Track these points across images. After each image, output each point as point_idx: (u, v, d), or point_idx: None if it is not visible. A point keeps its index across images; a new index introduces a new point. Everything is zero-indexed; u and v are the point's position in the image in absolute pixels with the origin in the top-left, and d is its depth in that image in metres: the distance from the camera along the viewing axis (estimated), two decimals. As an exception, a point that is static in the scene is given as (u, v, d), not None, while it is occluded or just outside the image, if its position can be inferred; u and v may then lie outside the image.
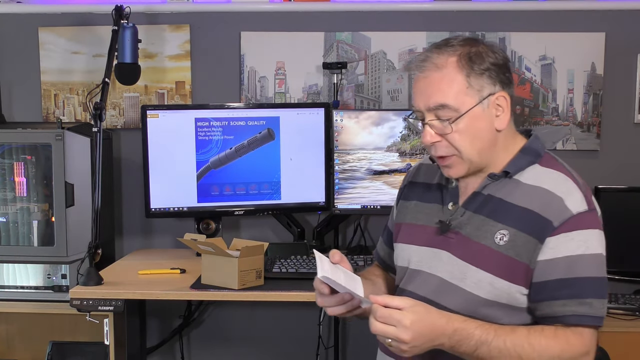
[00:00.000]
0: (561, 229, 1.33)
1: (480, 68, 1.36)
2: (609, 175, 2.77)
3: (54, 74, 2.86)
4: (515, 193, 1.39)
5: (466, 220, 1.42)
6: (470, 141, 1.38)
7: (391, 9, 2.78)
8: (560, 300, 1.32)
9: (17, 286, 2.46)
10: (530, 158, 1.42)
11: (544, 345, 1.30)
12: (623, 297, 2.57)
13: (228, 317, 2.94)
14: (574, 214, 1.35)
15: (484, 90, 1.37)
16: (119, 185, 2.91)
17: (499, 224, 1.37)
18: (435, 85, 1.37)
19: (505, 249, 1.35)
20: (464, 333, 1.30)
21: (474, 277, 1.37)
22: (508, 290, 1.35)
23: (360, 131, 2.59)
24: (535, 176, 1.40)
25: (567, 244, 1.33)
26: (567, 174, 1.41)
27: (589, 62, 2.77)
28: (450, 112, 1.36)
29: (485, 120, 1.38)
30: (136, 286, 2.21)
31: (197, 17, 2.83)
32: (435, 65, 1.37)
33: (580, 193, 1.38)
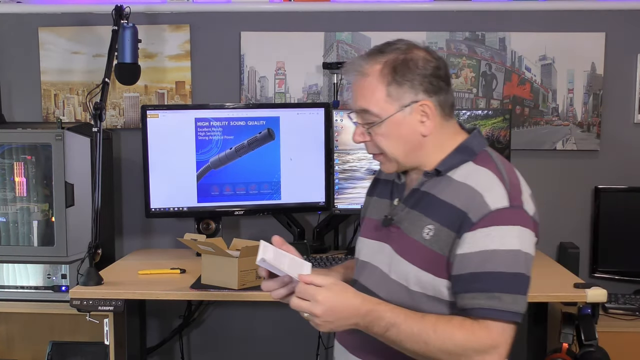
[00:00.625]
0: (479, 224, 1.35)
1: (402, 78, 1.42)
2: (609, 175, 2.77)
3: (54, 74, 2.86)
4: (445, 190, 1.43)
5: (404, 216, 1.48)
6: (394, 144, 1.45)
7: (391, 9, 2.78)
8: (471, 293, 1.35)
9: (17, 286, 2.46)
10: (463, 156, 1.45)
11: (448, 333, 1.33)
12: (623, 297, 2.57)
13: (228, 317, 2.94)
14: (492, 210, 1.35)
15: (404, 98, 1.42)
16: (119, 185, 2.91)
17: (428, 219, 1.42)
18: (359, 90, 1.46)
19: (430, 243, 1.40)
20: (375, 314, 1.35)
21: (404, 269, 1.43)
22: (433, 283, 1.40)
23: (360, 131, 2.58)
24: (466, 173, 1.43)
25: (483, 239, 1.35)
26: (495, 171, 1.42)
27: (589, 62, 2.77)
28: (372, 117, 1.44)
29: (408, 126, 1.44)
30: (136, 286, 2.20)
31: (197, 17, 2.83)
32: (360, 73, 1.45)
33: (503, 189, 1.38)
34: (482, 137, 1.51)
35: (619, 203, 2.71)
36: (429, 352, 1.34)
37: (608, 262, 2.72)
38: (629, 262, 2.69)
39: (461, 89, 2.81)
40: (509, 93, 2.81)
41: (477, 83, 2.81)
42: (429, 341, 1.33)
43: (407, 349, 1.36)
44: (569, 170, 2.82)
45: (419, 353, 1.35)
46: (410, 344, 1.34)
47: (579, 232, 2.80)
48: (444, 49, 2.78)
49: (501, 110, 2.68)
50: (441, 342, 1.33)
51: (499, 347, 1.33)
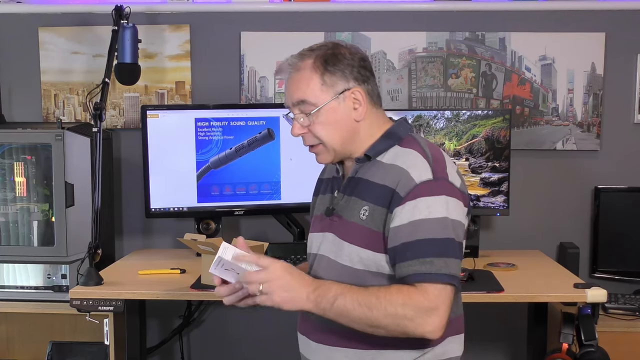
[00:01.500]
0: (407, 198, 1.45)
1: (334, 68, 1.54)
2: (609, 175, 2.77)
3: (54, 74, 2.86)
4: (376, 173, 1.54)
5: (343, 204, 1.58)
6: (331, 131, 1.55)
7: (391, 9, 2.78)
8: (405, 261, 1.44)
9: (17, 286, 2.46)
10: (390, 141, 1.57)
11: (389, 298, 1.41)
12: (623, 297, 2.57)
13: (228, 317, 2.94)
14: (417, 183, 1.46)
15: (338, 86, 1.54)
16: (119, 185, 2.91)
17: (363, 202, 1.53)
18: (295, 84, 1.56)
19: (367, 222, 1.50)
20: (324, 288, 1.44)
21: (347, 251, 1.53)
22: (374, 259, 1.50)
23: (360, 131, 2.58)
24: (393, 156, 1.55)
25: (411, 211, 1.45)
26: (419, 150, 1.53)
27: (589, 62, 2.77)
28: (309, 106, 1.54)
29: (343, 113, 1.55)
30: (136, 286, 2.20)
31: (197, 17, 2.83)
32: (295, 68, 1.57)
33: (427, 164, 1.49)
34: (409, 124, 1.63)
35: (619, 203, 2.71)
36: (374, 318, 1.41)
37: (608, 262, 2.72)
38: (629, 262, 2.69)
39: (461, 89, 2.81)
40: (509, 93, 2.81)
41: (477, 83, 2.81)
42: (372, 307, 1.41)
43: (352, 318, 1.43)
44: (569, 170, 2.82)
45: (364, 321, 1.43)
46: (356, 313, 1.42)
47: (579, 232, 2.80)
48: (444, 49, 2.78)
49: (501, 110, 2.68)
50: (383, 307, 1.41)
51: (437, 308, 1.41)
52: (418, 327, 1.41)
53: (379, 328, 1.43)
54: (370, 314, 1.41)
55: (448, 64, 2.79)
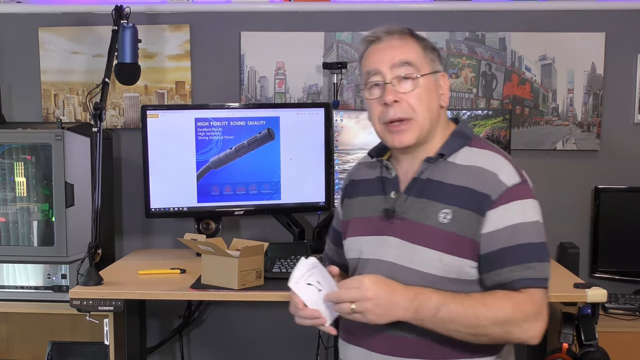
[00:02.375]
0: (499, 201, 1.42)
1: (429, 46, 1.53)
2: (609, 175, 2.77)
3: (54, 74, 2.86)
4: (451, 174, 1.49)
5: (409, 205, 1.51)
6: (425, 106, 1.49)
7: (391, 9, 2.78)
8: (507, 267, 1.41)
9: (17, 286, 2.46)
10: (461, 141, 1.53)
11: (497, 305, 1.38)
12: (623, 297, 2.57)
13: (228, 317, 2.94)
14: (508, 186, 1.44)
15: (435, 64, 1.52)
16: (119, 185, 2.91)
17: (440, 204, 1.46)
18: (398, 48, 1.50)
19: (449, 226, 1.44)
20: (423, 297, 1.39)
21: (423, 256, 1.45)
22: (457, 264, 1.44)
23: (360, 131, 2.59)
24: (468, 157, 1.50)
25: (506, 214, 1.42)
26: (497, 151, 1.51)
27: (589, 62, 2.77)
28: (412, 69, 1.48)
29: (435, 93, 1.51)
30: (136, 286, 2.20)
31: (197, 17, 2.83)
32: (397, 36, 1.51)
33: (512, 167, 1.48)
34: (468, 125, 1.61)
35: (619, 203, 2.71)
36: (480, 326, 1.37)
37: (608, 262, 2.72)
38: (629, 262, 2.69)
39: (461, 89, 2.81)
40: (509, 93, 2.81)
41: (477, 83, 2.81)
42: (480, 315, 1.37)
43: (457, 327, 1.38)
44: (569, 170, 2.82)
45: (470, 330, 1.38)
46: (462, 321, 1.37)
47: (579, 232, 2.80)
48: (444, 49, 2.78)
49: (501, 110, 2.68)
50: (492, 314, 1.37)
51: (541, 312, 1.41)
52: (524, 333, 1.40)
53: (483, 336, 1.39)
54: (478, 322, 1.37)
55: (448, 64, 2.79)
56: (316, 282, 1.43)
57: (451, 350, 1.45)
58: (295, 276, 1.45)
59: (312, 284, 1.43)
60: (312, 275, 1.44)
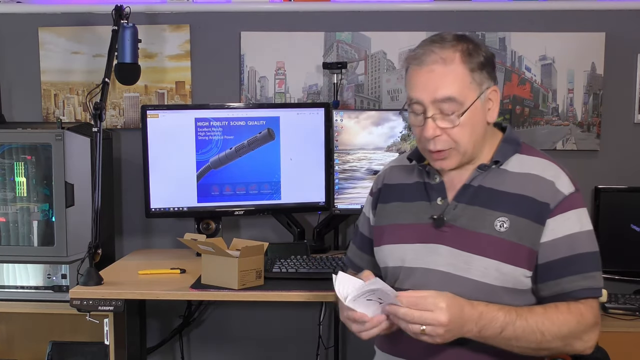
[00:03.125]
0: (557, 210, 1.42)
1: (479, 62, 1.42)
2: (609, 175, 2.77)
3: (54, 74, 2.86)
4: (505, 182, 1.45)
5: (460, 213, 1.46)
6: (469, 134, 1.43)
7: (391, 9, 2.78)
8: (567, 277, 1.39)
9: (17, 286, 2.46)
10: (513, 147, 1.50)
11: (562, 319, 1.36)
12: (623, 297, 2.57)
13: (228, 317, 2.94)
14: (566, 195, 1.44)
15: (484, 84, 1.44)
16: (119, 185, 2.91)
17: (496, 212, 1.43)
18: (441, 78, 1.40)
19: (507, 235, 1.41)
20: (488, 316, 1.34)
21: (480, 265, 1.41)
22: (514, 274, 1.41)
23: (360, 131, 2.59)
24: (521, 164, 1.47)
25: (564, 223, 1.41)
26: (550, 159, 1.51)
27: (589, 62, 2.77)
28: (455, 105, 1.40)
29: (482, 114, 1.45)
30: (136, 286, 2.20)
31: (197, 17, 2.83)
32: (443, 60, 1.40)
33: (567, 176, 1.48)
34: None
35: (619, 203, 2.70)
36: (544, 342, 1.36)
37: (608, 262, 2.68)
38: (629, 262, 2.68)
39: (461, 89, 2.80)
40: (509, 93, 2.81)
41: (477, 83, 2.80)
42: (545, 331, 1.35)
43: (520, 344, 1.36)
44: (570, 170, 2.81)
45: (532, 345, 1.36)
46: (526, 338, 1.35)
47: (579, 232, 2.80)
48: (444, 49, 2.78)
49: (501, 110, 2.66)
50: (557, 328, 1.36)
51: (598, 322, 1.41)
52: (584, 344, 1.39)
53: (544, 350, 1.38)
54: (542, 338, 1.35)
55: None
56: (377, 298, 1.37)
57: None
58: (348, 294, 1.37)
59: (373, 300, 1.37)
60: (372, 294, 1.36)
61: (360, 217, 1.75)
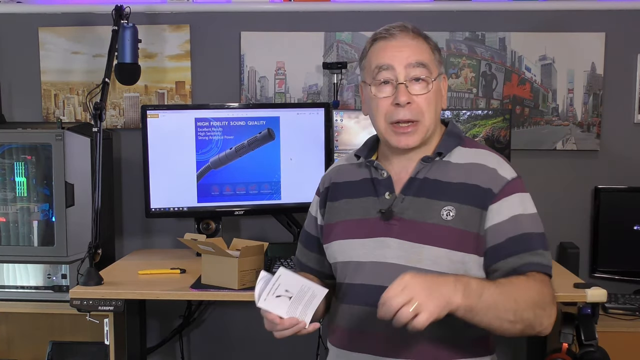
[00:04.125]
0: (500, 195, 1.46)
1: (435, 45, 1.53)
2: (608, 175, 2.77)
3: (54, 74, 2.86)
4: (449, 172, 1.50)
5: (407, 205, 1.49)
6: (433, 109, 1.50)
7: (391, 9, 2.78)
8: (516, 255, 1.43)
9: (17, 286, 2.46)
10: (455, 140, 1.55)
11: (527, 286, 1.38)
12: (623, 297, 2.57)
13: (228, 317, 2.94)
14: (508, 180, 1.48)
15: (441, 66, 1.53)
16: (119, 185, 2.91)
17: (442, 202, 1.47)
18: (413, 47, 1.48)
19: (454, 222, 1.45)
20: (463, 280, 1.32)
21: (430, 254, 1.44)
22: (463, 260, 1.45)
23: (360, 131, 2.58)
24: (464, 156, 1.52)
25: (508, 207, 1.45)
26: (491, 150, 1.55)
27: (589, 62, 2.77)
28: (426, 72, 1.48)
29: (439, 95, 1.52)
30: (136, 286, 2.20)
31: (197, 17, 2.83)
32: (411, 35, 1.50)
33: (507, 164, 1.52)
34: None
35: (619, 203, 2.71)
36: (519, 310, 1.36)
37: (608, 262, 2.72)
38: (629, 262, 2.69)
39: (461, 89, 2.81)
40: (509, 93, 2.81)
41: (477, 83, 2.81)
42: (518, 297, 1.36)
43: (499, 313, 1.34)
44: (569, 170, 2.82)
45: (509, 314, 1.35)
46: (503, 305, 1.34)
47: (579, 232, 2.80)
48: (444, 49, 2.78)
49: (501, 110, 2.68)
50: (528, 296, 1.37)
51: (555, 298, 1.43)
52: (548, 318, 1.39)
53: (519, 322, 1.36)
54: (517, 306, 1.35)
55: (448, 64, 2.79)
56: (284, 291, 1.38)
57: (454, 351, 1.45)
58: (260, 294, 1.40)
59: (281, 295, 1.39)
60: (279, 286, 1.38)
61: (307, 218, 1.75)
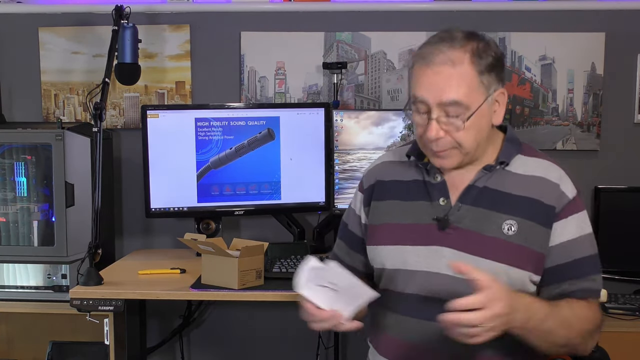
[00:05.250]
0: (562, 214, 1.42)
1: (488, 64, 1.37)
2: (608, 175, 2.77)
3: (54, 74, 2.86)
4: (510, 183, 1.43)
5: (465, 214, 1.43)
6: (474, 137, 1.39)
7: (391, 9, 2.78)
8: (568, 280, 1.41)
9: (17, 286, 2.46)
10: (515, 147, 1.48)
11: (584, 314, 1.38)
12: (623, 297, 2.57)
13: (228, 317, 2.94)
14: (570, 198, 1.44)
15: (492, 87, 1.39)
16: (119, 185, 2.91)
17: (503, 215, 1.41)
18: (448, 81, 1.34)
19: (516, 238, 1.40)
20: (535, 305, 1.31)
21: (488, 269, 1.34)
22: (521, 277, 1.40)
23: (360, 131, 2.59)
24: (524, 165, 1.46)
25: (567, 228, 1.42)
26: (551, 160, 1.50)
27: (589, 62, 2.77)
28: (461, 109, 1.35)
29: (488, 116, 1.41)
30: (136, 286, 2.20)
31: (197, 17, 2.83)
32: (451, 61, 1.34)
33: (568, 178, 1.47)
34: None
35: (619, 203, 2.71)
36: (572, 337, 1.36)
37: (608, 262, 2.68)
38: (629, 262, 2.68)
39: (461, 89, 2.80)
40: (509, 93, 2.78)
41: (477, 83, 2.80)
42: (573, 324, 1.36)
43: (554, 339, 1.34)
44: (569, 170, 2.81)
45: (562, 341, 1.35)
46: (559, 331, 1.34)
47: (579, 232, 2.80)
48: (444, 49, 2.78)
49: (501, 110, 2.68)
50: (582, 323, 1.37)
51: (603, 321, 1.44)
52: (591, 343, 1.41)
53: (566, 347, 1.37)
54: (570, 334, 1.35)
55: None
56: (330, 283, 1.33)
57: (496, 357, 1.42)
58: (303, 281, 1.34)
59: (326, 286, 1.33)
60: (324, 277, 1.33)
61: (349, 214, 1.67)
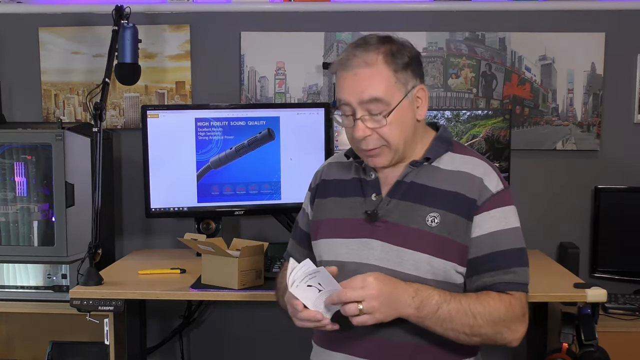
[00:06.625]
0: (483, 207, 1.46)
1: (403, 63, 1.46)
2: (608, 175, 2.77)
3: (54, 74, 2.86)
4: (437, 178, 1.50)
5: (393, 208, 1.50)
6: (399, 132, 1.47)
7: (391, 9, 2.78)
8: (490, 272, 1.44)
9: (17, 286, 2.46)
10: (444, 145, 1.54)
11: (493, 305, 1.41)
12: (623, 297, 2.57)
13: (228, 317, 2.94)
14: (493, 193, 1.47)
15: (409, 83, 1.47)
16: (119, 185, 2.91)
17: (428, 208, 1.47)
18: (366, 80, 1.44)
19: (438, 229, 1.46)
20: (425, 292, 1.39)
21: (410, 259, 1.45)
22: (444, 267, 1.46)
23: (360, 131, 2.58)
24: (453, 162, 1.52)
25: (489, 221, 1.45)
26: (481, 158, 1.54)
27: (589, 62, 2.77)
28: (382, 105, 1.44)
29: (410, 112, 1.48)
30: (136, 286, 2.20)
31: (197, 17, 2.83)
32: (365, 63, 1.44)
33: (496, 174, 1.50)
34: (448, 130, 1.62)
35: (618, 203, 2.71)
36: (476, 326, 1.39)
37: (608, 262, 2.72)
38: (629, 262, 2.69)
39: (461, 89, 2.81)
40: (509, 93, 2.81)
41: (477, 83, 2.81)
42: (477, 314, 1.39)
43: (455, 326, 1.39)
44: (569, 170, 2.82)
45: (465, 329, 1.40)
46: (460, 320, 1.39)
47: (579, 232, 2.80)
48: (444, 49, 2.78)
49: (501, 110, 2.68)
50: (488, 313, 1.40)
51: (526, 315, 1.45)
52: (512, 334, 1.43)
53: (476, 336, 1.41)
54: (475, 321, 1.39)
55: (448, 64, 2.79)
56: (317, 284, 1.41)
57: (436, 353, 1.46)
58: (294, 279, 1.42)
59: (313, 286, 1.41)
60: (313, 278, 1.41)
61: (300, 213, 1.79)
